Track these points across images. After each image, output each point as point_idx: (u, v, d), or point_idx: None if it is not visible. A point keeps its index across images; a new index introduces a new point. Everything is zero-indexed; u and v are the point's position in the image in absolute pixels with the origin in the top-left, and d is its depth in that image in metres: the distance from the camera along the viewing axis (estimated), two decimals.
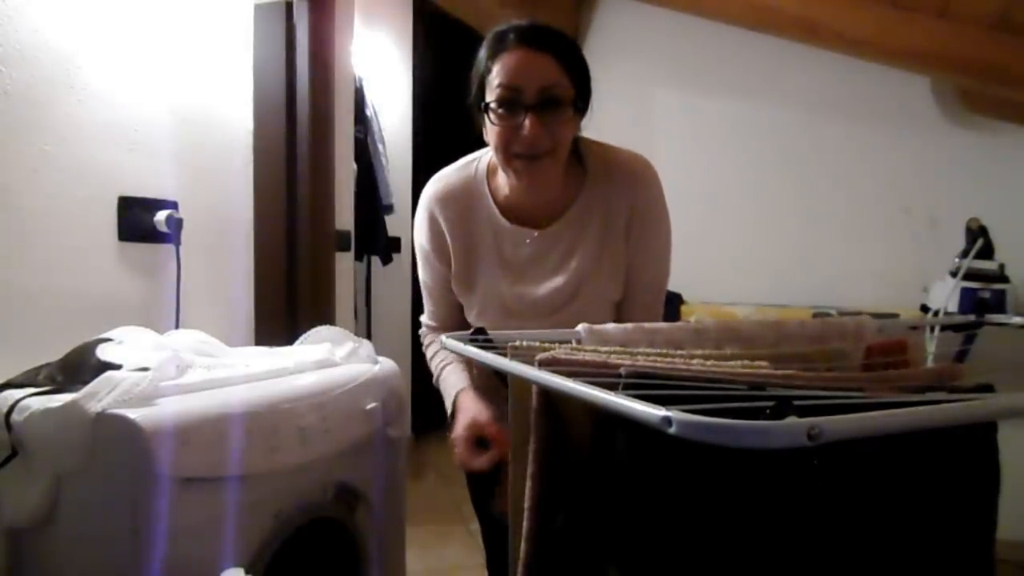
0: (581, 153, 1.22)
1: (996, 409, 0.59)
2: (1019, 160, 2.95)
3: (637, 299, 1.24)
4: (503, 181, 1.22)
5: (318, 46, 2.05)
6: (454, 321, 1.36)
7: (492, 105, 1.10)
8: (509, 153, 1.12)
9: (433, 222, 1.27)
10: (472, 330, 0.93)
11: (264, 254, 2.06)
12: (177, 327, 1.69)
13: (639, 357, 0.76)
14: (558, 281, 1.21)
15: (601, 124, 1.24)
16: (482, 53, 1.13)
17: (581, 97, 1.13)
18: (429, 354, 1.37)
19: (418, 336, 1.43)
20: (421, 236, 1.30)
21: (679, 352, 0.79)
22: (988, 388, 0.69)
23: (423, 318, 1.41)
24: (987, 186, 2.98)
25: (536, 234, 1.21)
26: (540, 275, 1.22)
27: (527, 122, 1.08)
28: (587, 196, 1.20)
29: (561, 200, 1.21)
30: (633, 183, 1.21)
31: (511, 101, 1.08)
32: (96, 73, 1.58)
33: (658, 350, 0.81)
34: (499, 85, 1.08)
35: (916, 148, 3.14)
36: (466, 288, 1.28)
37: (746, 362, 0.75)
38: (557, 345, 0.83)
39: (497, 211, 1.23)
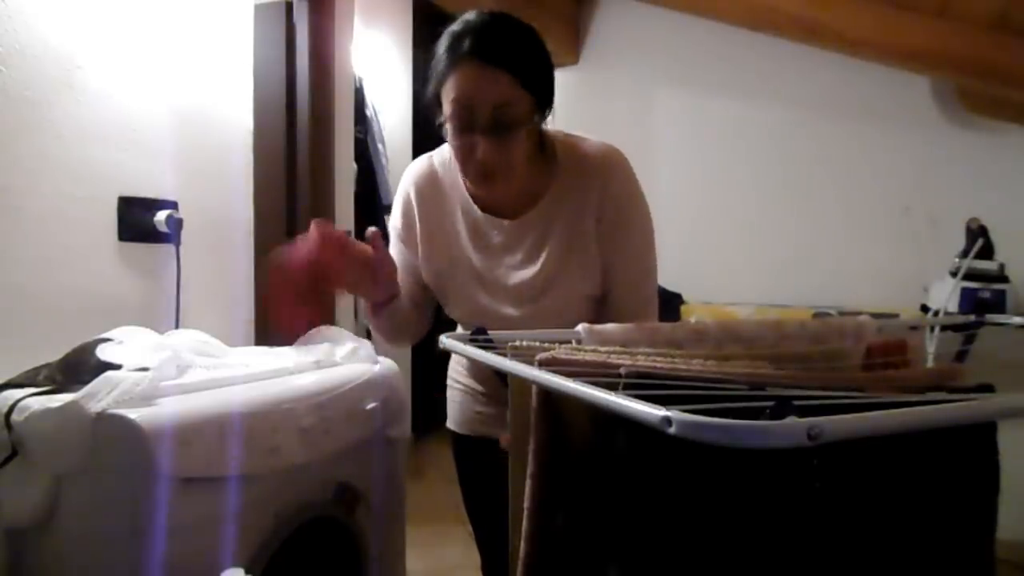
0: (548, 145, 1.20)
1: (996, 409, 0.59)
2: (1019, 160, 2.95)
3: (623, 299, 1.19)
4: None
5: (318, 46, 2.05)
6: (406, 307, 1.30)
7: (446, 123, 1.09)
8: (465, 168, 1.12)
9: (407, 204, 1.27)
10: (472, 330, 0.93)
11: (264, 254, 2.05)
12: (177, 327, 1.69)
13: (639, 357, 0.76)
14: (528, 273, 1.19)
15: (602, 124, 1.24)
16: (440, 51, 1.09)
17: (541, 102, 1.10)
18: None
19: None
20: (395, 217, 1.30)
21: (679, 352, 0.79)
22: (988, 388, 0.69)
23: None
24: (987, 186, 2.98)
25: (506, 224, 1.20)
26: (512, 265, 1.20)
27: (480, 146, 1.07)
28: (558, 189, 1.18)
29: (531, 192, 1.19)
30: (603, 174, 1.16)
31: (465, 121, 1.07)
32: (95, 73, 1.58)
33: (658, 350, 0.81)
34: (453, 101, 1.06)
35: (916, 148, 3.14)
36: (436, 273, 1.25)
37: (746, 362, 0.75)
38: (557, 345, 0.83)
39: (470, 199, 1.22)
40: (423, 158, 1.29)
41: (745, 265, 3.50)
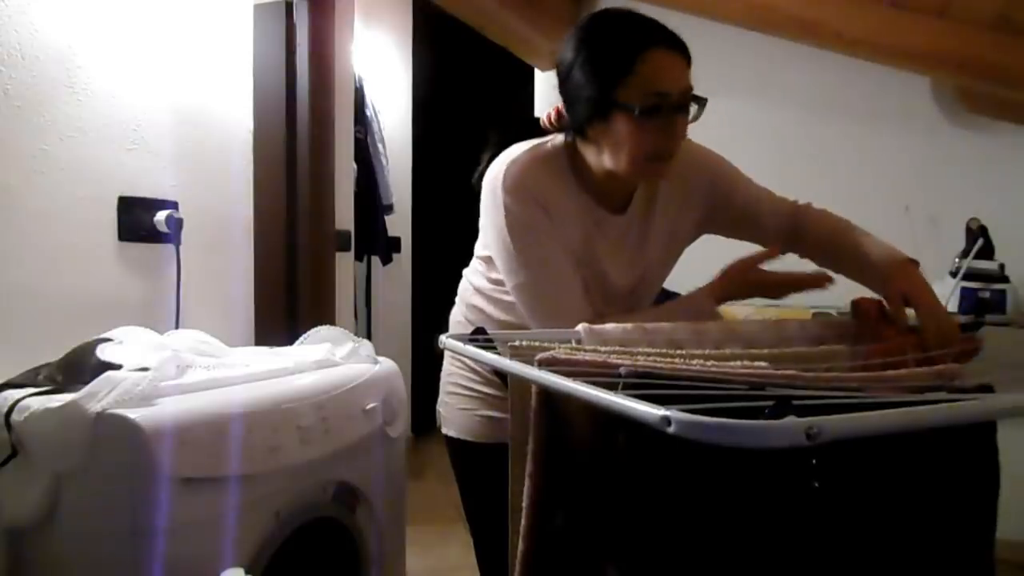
0: None
1: (996, 409, 0.59)
2: (1019, 160, 2.95)
3: (773, 203, 1.36)
4: (583, 163, 1.16)
5: (318, 46, 2.05)
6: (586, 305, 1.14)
7: (640, 109, 1.05)
8: (644, 156, 1.09)
9: (534, 197, 1.13)
10: (472, 330, 0.93)
11: (264, 254, 2.06)
12: (177, 327, 1.69)
13: (639, 357, 0.76)
14: (628, 266, 1.21)
15: None
16: (611, 44, 1.08)
17: None
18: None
19: (418, 336, 1.40)
20: (525, 219, 1.11)
21: (679, 352, 0.80)
22: (988, 388, 0.69)
23: (575, 325, 1.01)
24: (987, 186, 2.97)
25: (611, 218, 1.19)
26: (617, 255, 1.21)
27: (675, 127, 1.09)
28: (660, 181, 1.21)
29: (631, 185, 1.20)
30: (708, 170, 1.26)
31: (663, 106, 1.06)
32: (96, 73, 1.58)
33: (658, 350, 0.81)
34: (651, 90, 1.05)
35: (916, 148, 3.14)
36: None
37: (746, 362, 0.75)
38: (557, 345, 0.83)
39: (584, 193, 1.17)
40: (525, 152, 1.16)
41: None
